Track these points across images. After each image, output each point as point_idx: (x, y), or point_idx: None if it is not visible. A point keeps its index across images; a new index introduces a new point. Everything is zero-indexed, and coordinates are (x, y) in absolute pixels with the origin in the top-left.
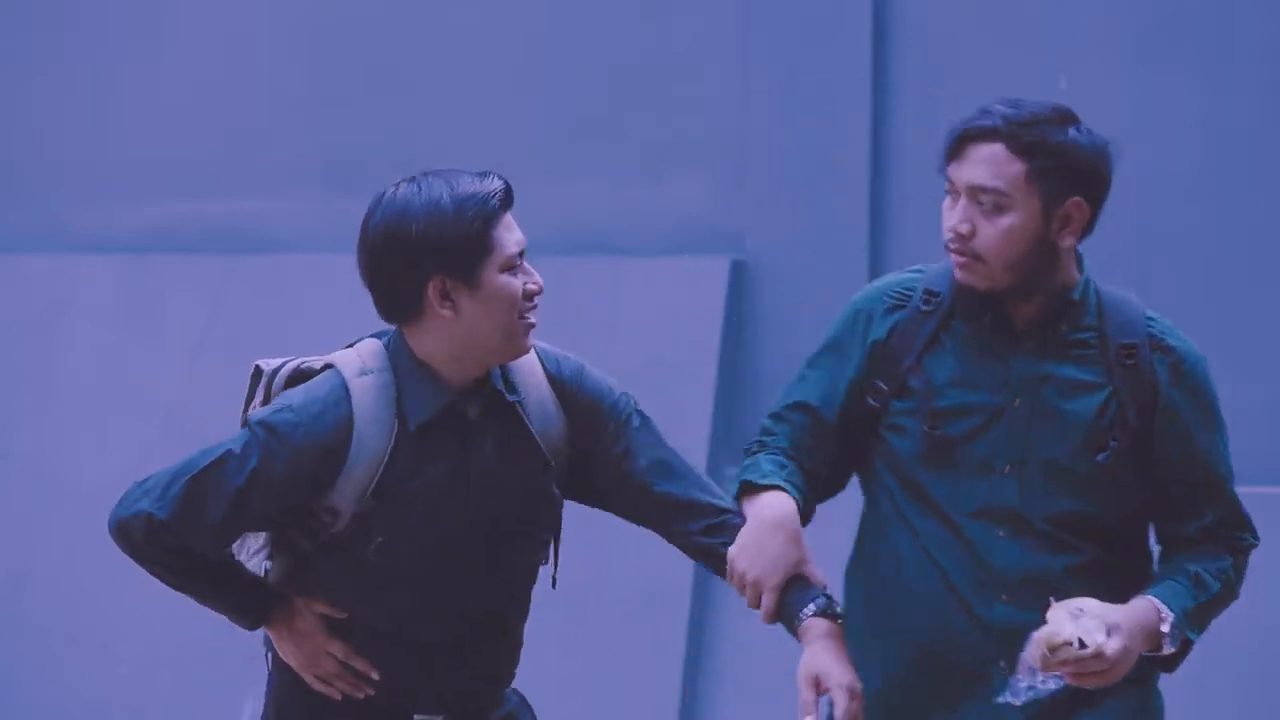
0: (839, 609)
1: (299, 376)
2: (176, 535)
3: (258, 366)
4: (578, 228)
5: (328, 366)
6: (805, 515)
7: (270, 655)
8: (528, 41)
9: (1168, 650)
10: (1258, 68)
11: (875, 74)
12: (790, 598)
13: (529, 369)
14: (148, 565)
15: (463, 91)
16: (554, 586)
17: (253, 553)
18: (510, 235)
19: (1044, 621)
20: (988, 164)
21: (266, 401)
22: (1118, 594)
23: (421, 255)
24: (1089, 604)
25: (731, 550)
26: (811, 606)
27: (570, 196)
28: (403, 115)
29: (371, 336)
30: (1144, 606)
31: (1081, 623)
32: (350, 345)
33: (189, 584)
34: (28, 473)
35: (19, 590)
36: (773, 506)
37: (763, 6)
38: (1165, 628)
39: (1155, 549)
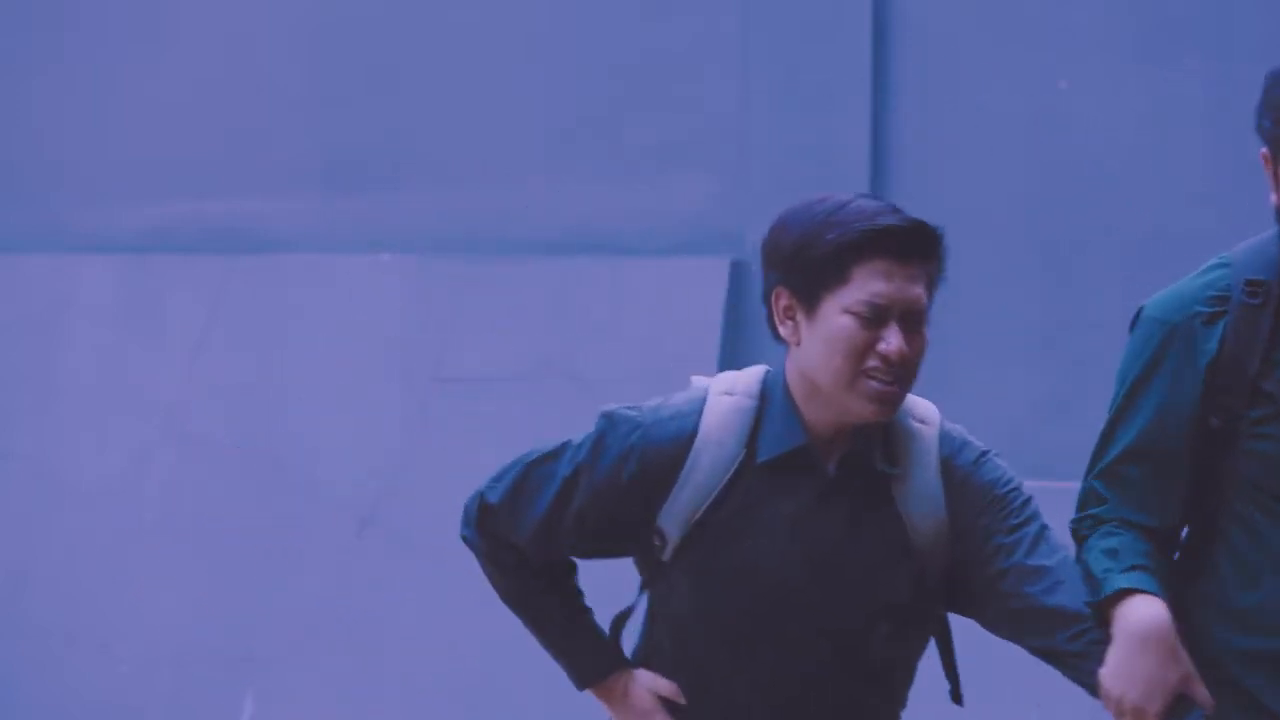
0: None
1: None
2: (502, 524)
3: (691, 380)
4: (578, 228)
5: None
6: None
7: None
8: (528, 41)
9: None
10: (1258, 68)
11: (875, 74)
12: None
13: (925, 448)
14: (482, 556)
15: (463, 91)
16: (957, 702)
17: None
18: (878, 284)
19: None
20: None
21: None
22: None
23: (774, 259)
24: None
25: (1103, 673)
26: None
27: (570, 196)
28: (403, 115)
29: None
30: None
31: None
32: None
33: (519, 599)
34: (28, 473)
35: (19, 590)
36: (1140, 618)
37: (763, 6)
38: None
39: None
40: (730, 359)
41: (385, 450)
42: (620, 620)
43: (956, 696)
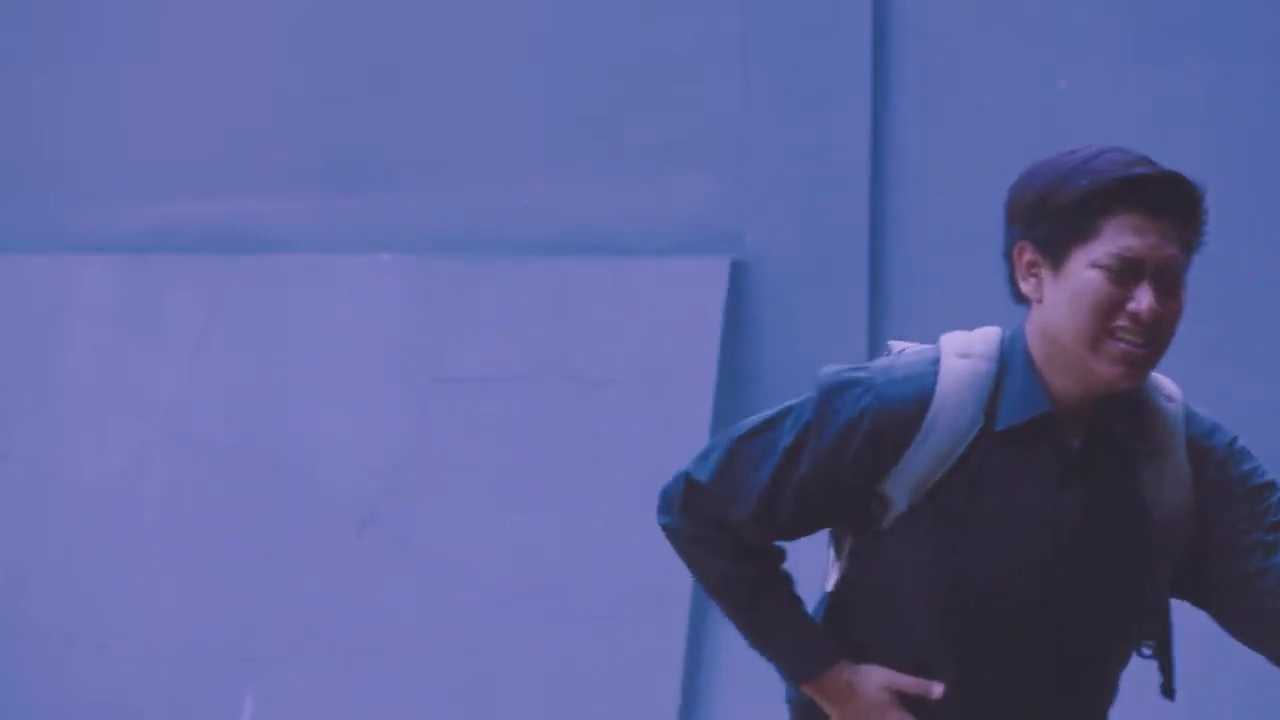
0: None
1: None
2: (714, 502)
3: (889, 345)
4: (578, 228)
5: None
6: None
7: (797, 710)
8: (528, 41)
9: None
10: (1259, 67)
11: (875, 74)
12: None
13: (1171, 426)
14: (686, 541)
15: (463, 91)
16: (1169, 696)
17: (829, 564)
18: (1129, 238)
19: None
20: None
21: None
22: None
23: (1018, 211)
24: None
25: None
26: None
27: (570, 196)
28: (403, 115)
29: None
30: None
31: None
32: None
33: (727, 588)
34: (28, 473)
35: (19, 590)
36: None
37: (763, 6)
38: None
39: None
40: (730, 359)
41: (385, 450)
42: (835, 607)
43: (1169, 690)
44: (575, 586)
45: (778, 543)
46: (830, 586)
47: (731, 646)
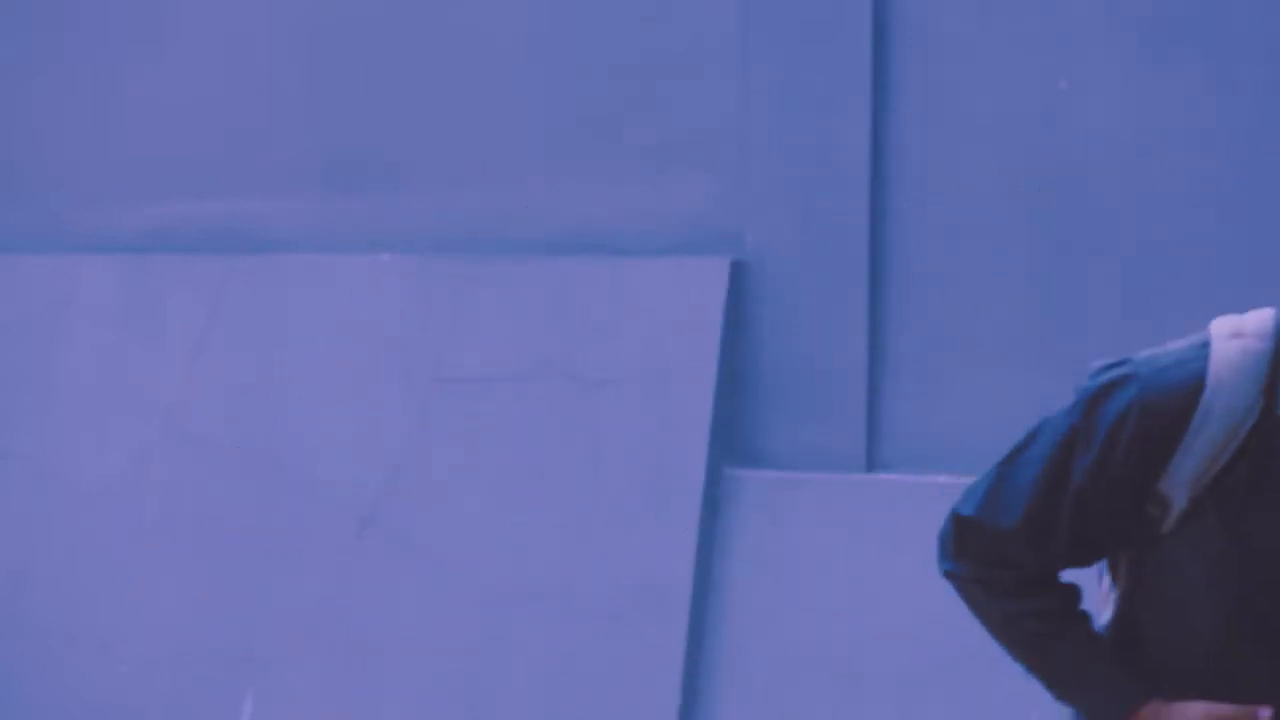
0: None
1: None
2: (987, 535)
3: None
4: (577, 228)
5: None
6: None
7: None
8: (528, 41)
9: None
10: (1260, 68)
11: (875, 74)
12: None
13: None
14: (969, 583)
15: (463, 91)
16: None
17: (1104, 594)
18: None
19: None
20: None
21: None
22: None
23: None
24: None
25: None
26: None
27: (570, 196)
28: (403, 115)
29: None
30: None
31: None
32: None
33: (1013, 626)
34: (28, 473)
35: (19, 590)
36: None
37: (763, 6)
38: None
39: None
40: (730, 359)
41: (385, 450)
42: (1120, 638)
43: None
44: (575, 586)
45: (1061, 573)
46: (1108, 619)
47: (731, 646)
